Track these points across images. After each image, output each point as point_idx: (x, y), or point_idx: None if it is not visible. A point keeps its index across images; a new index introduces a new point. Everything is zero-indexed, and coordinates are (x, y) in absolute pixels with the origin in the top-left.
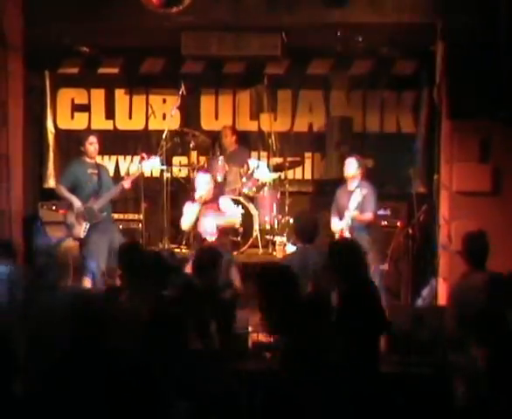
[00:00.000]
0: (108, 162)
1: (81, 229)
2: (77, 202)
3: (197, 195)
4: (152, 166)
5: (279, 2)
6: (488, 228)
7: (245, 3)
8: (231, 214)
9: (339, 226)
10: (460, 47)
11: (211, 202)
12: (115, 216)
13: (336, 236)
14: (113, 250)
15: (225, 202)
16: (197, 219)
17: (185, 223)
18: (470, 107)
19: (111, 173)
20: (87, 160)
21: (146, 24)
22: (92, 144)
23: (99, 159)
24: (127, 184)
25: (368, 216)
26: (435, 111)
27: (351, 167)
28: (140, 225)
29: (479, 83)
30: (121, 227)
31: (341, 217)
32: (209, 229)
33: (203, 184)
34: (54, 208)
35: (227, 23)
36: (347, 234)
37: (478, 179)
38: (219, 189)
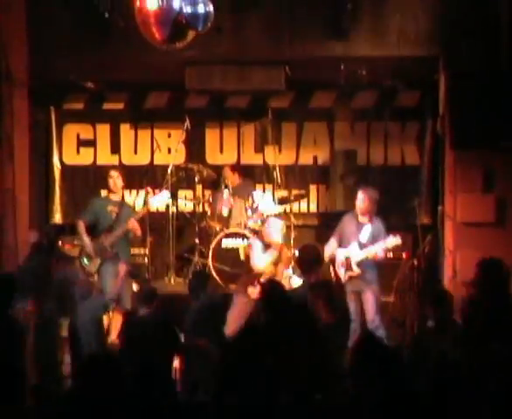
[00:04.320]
0: (113, 197)
1: (93, 265)
2: (86, 240)
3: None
4: (161, 200)
5: (282, 35)
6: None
7: (248, 37)
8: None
9: (344, 254)
10: (463, 78)
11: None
12: None
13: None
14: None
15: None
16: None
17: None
18: (473, 138)
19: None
20: (110, 195)
21: (150, 59)
22: (111, 178)
23: (104, 193)
24: (131, 224)
25: (379, 255)
26: (439, 142)
27: (363, 201)
28: (146, 259)
29: (482, 113)
30: None
31: (344, 245)
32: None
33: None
34: (60, 243)
35: (230, 57)
36: (355, 267)
37: (482, 209)
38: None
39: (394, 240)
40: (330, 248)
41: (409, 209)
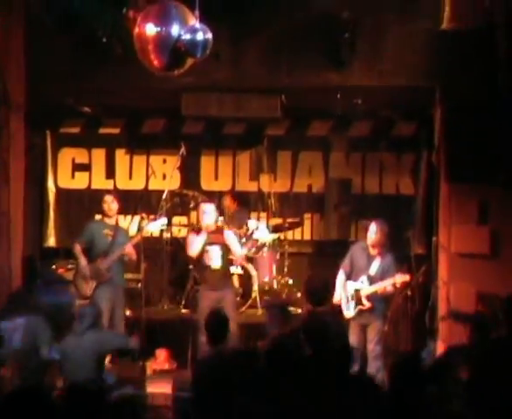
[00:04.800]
0: (108, 221)
1: (88, 287)
2: (83, 262)
3: (203, 224)
4: (159, 226)
5: (278, 63)
6: (487, 290)
7: (245, 65)
8: (234, 246)
9: (354, 287)
10: (459, 110)
11: (216, 232)
12: None
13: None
14: (114, 313)
15: (230, 235)
16: (204, 248)
17: (193, 250)
18: (469, 170)
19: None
20: (105, 219)
21: (147, 85)
22: (105, 203)
23: (98, 218)
24: (128, 248)
25: (390, 289)
26: (434, 173)
27: (375, 233)
28: (139, 285)
29: (477, 146)
30: None
31: (353, 277)
32: (218, 262)
33: (208, 213)
34: (54, 267)
35: (227, 84)
36: (365, 301)
37: (476, 241)
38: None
39: (402, 277)
40: (340, 281)
41: (403, 239)
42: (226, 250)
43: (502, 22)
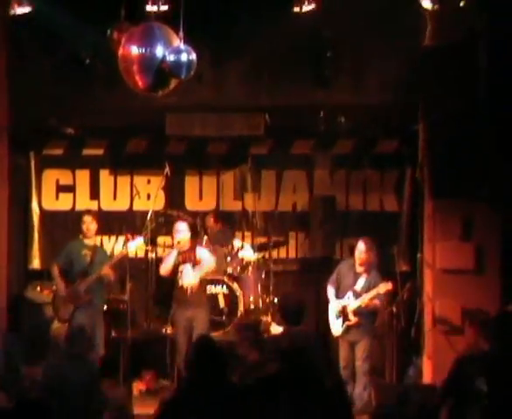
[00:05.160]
0: (88, 241)
1: (66, 310)
2: (61, 285)
3: (175, 241)
4: (136, 246)
5: (262, 82)
6: (472, 306)
7: (229, 84)
8: (207, 263)
9: (341, 303)
10: (442, 127)
11: (189, 251)
12: None
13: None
14: (94, 335)
15: (202, 251)
16: (175, 266)
17: (164, 269)
18: (452, 186)
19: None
20: (84, 240)
21: (130, 105)
22: (84, 223)
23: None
24: (105, 269)
25: (376, 304)
26: (418, 189)
27: (363, 251)
28: (125, 305)
29: (461, 162)
30: (105, 307)
31: (340, 294)
32: (190, 280)
33: (181, 232)
34: (39, 289)
35: (210, 104)
36: (351, 316)
37: (461, 257)
38: (196, 240)
39: (385, 286)
40: (331, 293)
41: (388, 256)
42: (199, 268)
43: (483, 38)
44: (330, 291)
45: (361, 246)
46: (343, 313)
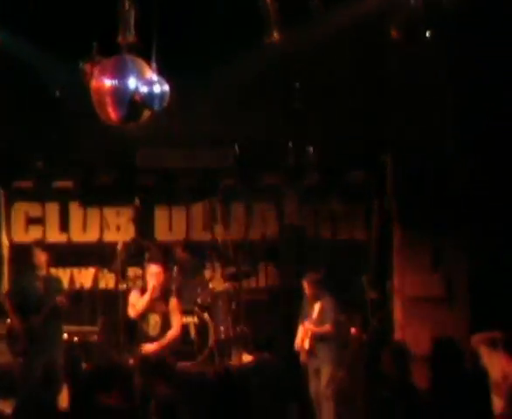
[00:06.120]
0: (63, 275)
1: (20, 345)
2: (14, 320)
3: (149, 286)
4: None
5: (231, 115)
6: (442, 333)
7: (198, 117)
8: (171, 336)
9: (301, 333)
10: (409, 158)
11: (160, 299)
12: (71, 328)
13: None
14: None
15: (174, 315)
16: (144, 311)
17: (133, 312)
18: (421, 216)
19: (65, 285)
20: (36, 271)
21: (100, 138)
22: (36, 255)
23: (53, 271)
24: (59, 298)
25: (326, 328)
26: (386, 219)
27: (306, 288)
28: (95, 337)
29: (429, 192)
30: (76, 339)
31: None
32: (154, 328)
33: (154, 275)
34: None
35: (180, 136)
36: (306, 344)
37: (430, 285)
38: (168, 284)
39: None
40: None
41: (358, 284)
42: (166, 321)
43: (451, 70)
44: (299, 327)
45: (304, 285)
46: (301, 342)
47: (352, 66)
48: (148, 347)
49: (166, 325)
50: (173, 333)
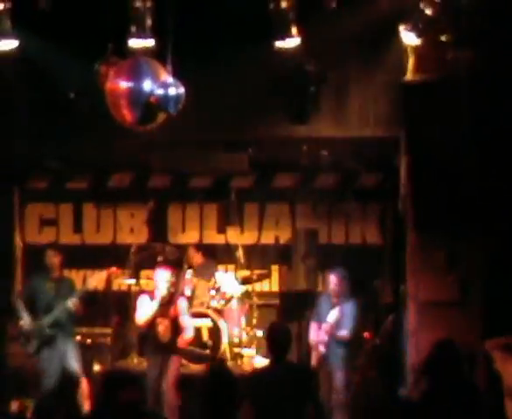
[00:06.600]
0: (76, 276)
1: (31, 346)
2: (26, 320)
3: (158, 294)
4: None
5: (246, 117)
6: (456, 338)
7: (213, 119)
8: (185, 324)
9: (316, 335)
10: (424, 160)
11: (169, 303)
12: (83, 329)
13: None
14: (65, 368)
15: (183, 305)
16: (154, 318)
17: (142, 318)
18: (435, 219)
19: (78, 287)
20: (49, 274)
21: (114, 140)
22: (49, 258)
23: (67, 273)
24: (71, 302)
25: (343, 333)
26: (400, 222)
27: (333, 283)
28: (108, 339)
29: (443, 195)
30: (89, 341)
31: (320, 328)
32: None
33: (163, 282)
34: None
35: (195, 138)
36: (321, 348)
37: (444, 289)
38: (178, 288)
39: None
40: (311, 332)
41: (371, 288)
42: (176, 325)
43: (466, 72)
44: (312, 325)
45: (331, 278)
46: (316, 344)
47: (366, 69)
48: (172, 367)
49: (176, 328)
50: (186, 336)
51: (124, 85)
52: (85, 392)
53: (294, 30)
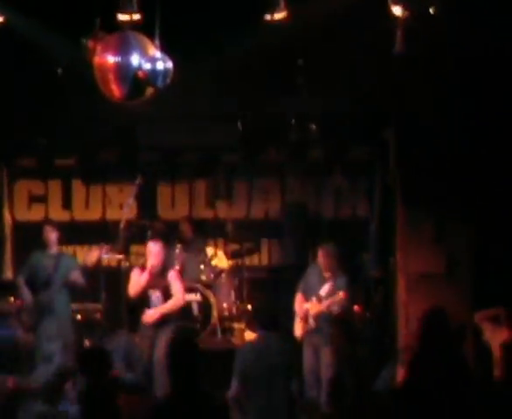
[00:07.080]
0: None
1: (31, 320)
2: (27, 297)
3: (149, 265)
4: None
5: (234, 92)
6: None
7: (201, 93)
8: (174, 300)
9: (304, 307)
10: (413, 133)
11: (160, 277)
12: (74, 305)
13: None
14: (66, 342)
15: (174, 284)
16: (144, 289)
17: (134, 290)
18: (424, 192)
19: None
20: (47, 250)
21: (102, 115)
22: (47, 233)
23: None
24: (73, 275)
25: (334, 308)
26: (389, 195)
27: (322, 258)
28: (99, 314)
29: (431, 168)
30: (79, 317)
31: (307, 298)
32: (156, 304)
33: (153, 254)
34: (12, 299)
35: (183, 112)
36: (311, 321)
37: (434, 262)
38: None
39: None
40: (297, 302)
41: (360, 262)
42: (168, 294)
43: (454, 45)
44: (298, 295)
45: (319, 253)
46: (304, 317)
47: (355, 42)
48: (149, 314)
49: (168, 297)
50: (174, 301)
51: (112, 59)
52: None
53: (282, 2)
